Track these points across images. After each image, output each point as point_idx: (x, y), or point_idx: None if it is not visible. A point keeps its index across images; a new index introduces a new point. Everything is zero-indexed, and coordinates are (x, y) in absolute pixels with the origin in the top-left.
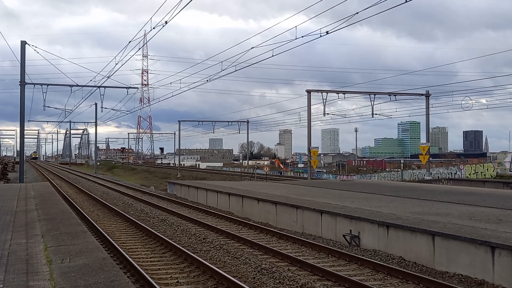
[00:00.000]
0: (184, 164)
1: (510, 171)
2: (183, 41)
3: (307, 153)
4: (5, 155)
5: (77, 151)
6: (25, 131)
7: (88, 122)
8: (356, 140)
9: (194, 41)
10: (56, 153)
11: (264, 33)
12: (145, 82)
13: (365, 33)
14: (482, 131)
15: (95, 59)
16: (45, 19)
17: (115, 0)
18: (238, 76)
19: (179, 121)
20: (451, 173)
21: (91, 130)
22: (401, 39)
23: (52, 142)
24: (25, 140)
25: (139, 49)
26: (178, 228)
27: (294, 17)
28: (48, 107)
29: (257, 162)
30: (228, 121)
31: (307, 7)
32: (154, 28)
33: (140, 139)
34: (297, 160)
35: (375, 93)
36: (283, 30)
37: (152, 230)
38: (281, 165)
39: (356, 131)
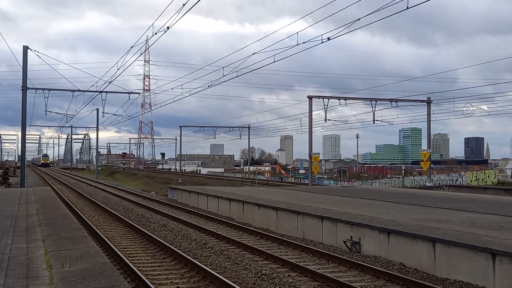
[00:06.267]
0: (185, 170)
1: (511, 178)
2: (179, 46)
3: (308, 159)
4: (6, 160)
5: (78, 156)
6: (26, 136)
7: (89, 127)
8: (357, 146)
9: (191, 45)
10: (57, 158)
11: (263, 38)
12: (147, 87)
13: (364, 38)
14: (483, 137)
15: (93, 64)
16: (40, 22)
17: (109, 3)
18: (238, 81)
19: (181, 127)
20: (452, 179)
21: (92, 135)
22: (401, 44)
23: (53, 147)
24: (26, 144)
25: (141, 54)
26: (178, 234)
27: (294, 23)
28: (50, 112)
29: (258, 168)
30: (229, 127)
31: (307, 13)
32: (156, 33)
33: (141, 144)
34: (298, 166)
35: (376, 99)
36: (282, 36)
37: (152, 235)
38: (282, 171)
39: (357, 137)
